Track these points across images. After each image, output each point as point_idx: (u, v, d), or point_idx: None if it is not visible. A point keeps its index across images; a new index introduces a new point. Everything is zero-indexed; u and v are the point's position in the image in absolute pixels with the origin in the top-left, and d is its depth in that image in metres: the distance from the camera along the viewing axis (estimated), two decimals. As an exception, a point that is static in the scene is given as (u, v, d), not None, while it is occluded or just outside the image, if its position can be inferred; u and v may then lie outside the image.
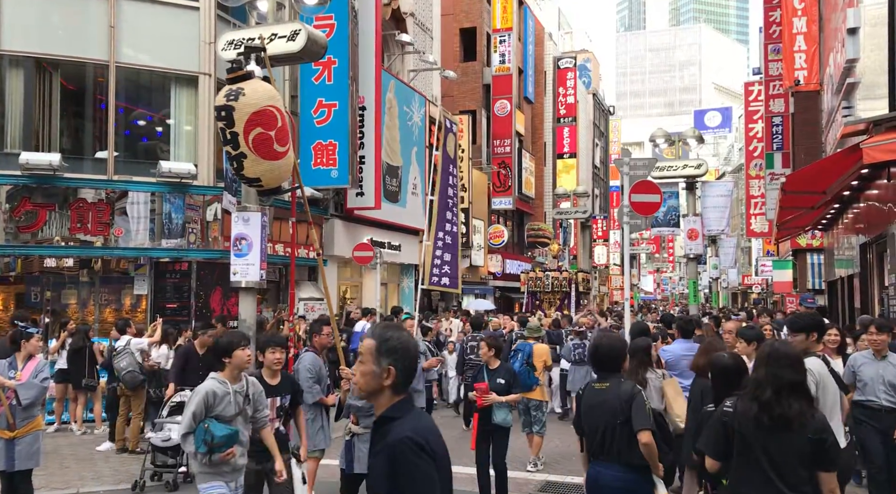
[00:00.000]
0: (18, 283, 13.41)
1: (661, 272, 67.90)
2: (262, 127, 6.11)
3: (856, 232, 12.10)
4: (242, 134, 6.11)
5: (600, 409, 4.18)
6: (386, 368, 2.35)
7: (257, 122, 6.10)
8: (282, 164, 6.41)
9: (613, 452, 4.11)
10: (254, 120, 6.08)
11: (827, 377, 4.61)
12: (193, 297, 13.46)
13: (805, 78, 15.63)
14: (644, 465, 4.08)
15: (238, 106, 6.10)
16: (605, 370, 4.29)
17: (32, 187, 12.42)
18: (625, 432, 4.07)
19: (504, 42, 30.44)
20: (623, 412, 4.06)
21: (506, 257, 29.55)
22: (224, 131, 6.20)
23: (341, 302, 18.33)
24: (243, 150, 6.18)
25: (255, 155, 6.20)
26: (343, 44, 15.40)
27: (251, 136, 6.11)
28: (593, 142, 45.80)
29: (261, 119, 6.11)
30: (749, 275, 47.22)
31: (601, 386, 4.26)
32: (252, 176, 6.37)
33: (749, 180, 27.50)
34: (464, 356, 11.10)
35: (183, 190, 13.25)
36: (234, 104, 6.10)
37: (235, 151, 6.20)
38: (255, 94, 6.17)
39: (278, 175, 6.46)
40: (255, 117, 6.08)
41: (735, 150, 61.45)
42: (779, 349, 3.63)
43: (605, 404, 4.16)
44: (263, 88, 6.33)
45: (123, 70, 13.38)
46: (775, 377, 3.42)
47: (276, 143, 6.24)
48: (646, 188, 10.57)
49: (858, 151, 7.18)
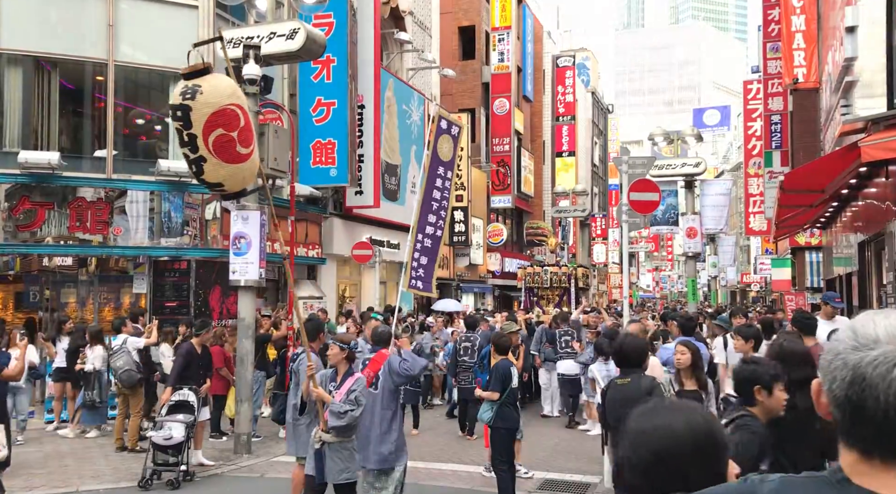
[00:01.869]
0: (17, 282, 13.41)
1: (659, 271, 67.90)
2: (223, 128, 5.48)
3: (854, 230, 12.11)
4: (202, 136, 5.47)
5: (623, 403, 4.51)
6: None
7: (217, 123, 5.47)
8: (245, 167, 5.78)
9: None
10: (213, 121, 5.45)
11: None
12: (192, 296, 13.46)
13: (804, 76, 15.63)
14: None
15: (196, 106, 5.45)
16: (629, 365, 4.67)
17: (31, 186, 12.41)
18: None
19: (503, 40, 30.43)
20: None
21: (505, 255, 29.55)
22: (181, 133, 5.56)
23: (340, 301, 18.34)
24: (203, 153, 5.54)
25: (217, 159, 5.54)
26: (342, 42, 15.40)
27: (211, 138, 5.47)
28: (592, 140, 45.81)
29: (221, 120, 5.48)
30: (748, 273, 47.25)
31: (623, 382, 4.64)
32: (213, 181, 5.72)
33: (748, 179, 27.52)
34: (456, 357, 10.78)
35: (182, 189, 13.25)
36: (190, 103, 5.46)
37: (194, 155, 5.55)
38: (214, 91, 5.51)
39: (242, 179, 5.82)
40: (214, 118, 5.46)
41: (734, 148, 61.48)
42: (787, 347, 3.88)
43: (627, 398, 4.51)
44: (224, 83, 5.72)
45: (122, 69, 13.37)
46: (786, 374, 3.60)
47: (238, 144, 5.61)
48: (645, 187, 10.58)
49: (857, 149, 7.18)
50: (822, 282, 19.67)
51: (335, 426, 5.43)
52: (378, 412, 5.77)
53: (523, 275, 22.94)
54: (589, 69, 47.38)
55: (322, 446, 5.59)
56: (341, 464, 5.51)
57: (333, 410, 5.42)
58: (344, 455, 5.54)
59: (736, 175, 46.87)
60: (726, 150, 71.50)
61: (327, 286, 17.11)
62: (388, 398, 5.72)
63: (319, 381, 5.68)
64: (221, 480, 8.30)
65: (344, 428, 5.45)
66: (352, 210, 17.52)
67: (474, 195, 25.86)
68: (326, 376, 5.77)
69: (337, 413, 5.40)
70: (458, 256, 25.38)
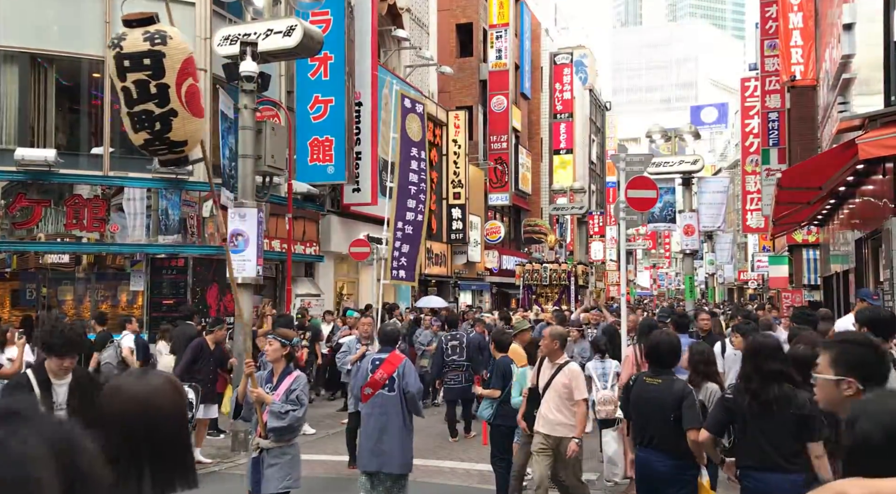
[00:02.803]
0: (14, 279, 13.38)
1: (657, 268, 68.00)
2: (192, 78, 4.95)
3: (851, 228, 12.12)
4: (175, 86, 4.84)
5: (653, 404, 4.59)
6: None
7: (189, 71, 4.90)
8: (202, 123, 5.25)
9: (664, 442, 4.54)
10: (185, 69, 4.88)
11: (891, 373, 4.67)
12: (190, 293, 13.45)
13: (801, 73, 15.64)
14: (690, 452, 4.50)
15: (169, 51, 4.80)
16: (663, 366, 4.70)
17: (27, 183, 12.38)
18: (677, 427, 4.47)
19: (500, 38, 30.39)
20: (674, 410, 4.48)
21: (502, 252, 29.56)
22: (145, 85, 4.80)
23: (338, 298, 18.33)
24: (174, 105, 4.87)
25: (188, 112, 4.95)
26: (339, 39, 15.38)
27: (184, 88, 4.87)
28: (590, 138, 45.80)
29: (191, 68, 4.96)
30: (745, 270, 47.32)
31: (653, 381, 4.65)
32: (180, 139, 5.03)
33: (745, 176, 27.53)
34: (443, 356, 10.33)
35: (179, 186, 13.22)
36: (163, 49, 4.78)
37: (162, 109, 4.85)
38: (178, 37, 4.94)
39: (198, 138, 5.22)
40: (186, 65, 4.89)
41: (731, 145, 61.52)
42: (760, 342, 4.14)
43: (657, 399, 4.59)
44: (177, 30, 5.18)
45: (119, 66, 13.31)
46: (758, 367, 3.93)
47: (200, 97, 5.14)
48: (642, 184, 10.56)
49: (854, 146, 7.19)
50: (820, 279, 19.70)
51: (275, 427, 5.00)
52: (398, 416, 5.73)
53: (522, 272, 22.82)
54: (586, 66, 47.35)
55: (260, 453, 5.10)
56: (281, 472, 5.04)
57: (273, 410, 5.00)
58: (284, 461, 5.09)
59: (733, 173, 46.91)
60: (724, 147, 71.55)
61: (325, 284, 17.10)
62: (404, 402, 5.71)
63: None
64: (219, 478, 8.29)
65: (285, 430, 5.04)
66: (349, 208, 17.50)
67: (472, 193, 25.85)
68: (262, 376, 5.29)
69: (277, 414, 4.99)
70: (456, 253, 25.38)
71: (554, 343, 6.01)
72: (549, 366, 6.05)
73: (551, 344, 6.02)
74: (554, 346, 6.01)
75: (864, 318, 4.91)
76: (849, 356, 2.60)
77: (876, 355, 2.66)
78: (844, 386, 2.54)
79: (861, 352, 2.63)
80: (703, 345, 5.93)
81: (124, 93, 4.92)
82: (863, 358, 2.60)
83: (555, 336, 6.09)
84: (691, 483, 4.55)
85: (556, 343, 6.01)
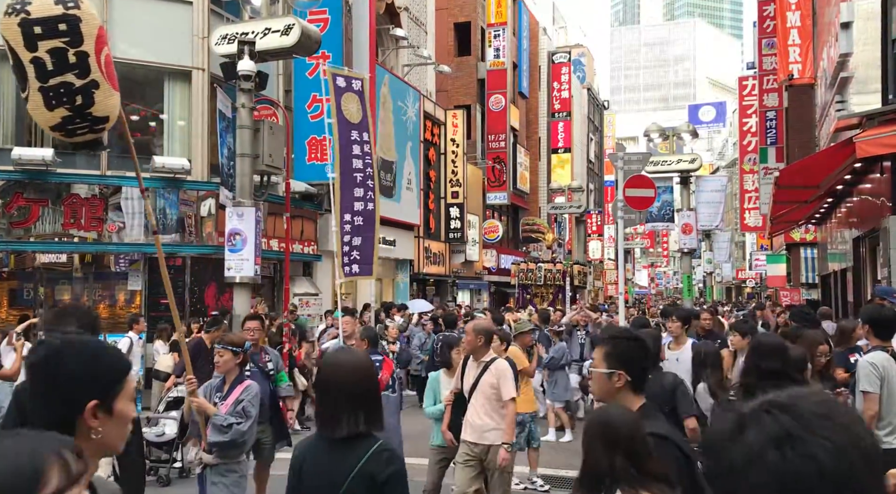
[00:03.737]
0: (11, 279, 13.36)
1: (655, 267, 68.03)
2: (107, 47, 4.40)
3: (849, 226, 12.14)
4: (94, 54, 4.22)
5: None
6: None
7: (104, 39, 4.32)
8: (119, 99, 4.54)
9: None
10: (102, 36, 4.28)
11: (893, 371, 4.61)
12: (188, 292, 13.44)
13: (799, 72, 15.66)
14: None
15: (84, 16, 4.15)
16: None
17: (25, 183, 12.35)
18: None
19: (498, 37, 30.39)
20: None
21: (501, 252, 29.57)
22: (63, 53, 4.14)
23: (335, 298, 18.31)
24: (95, 76, 4.25)
25: (108, 83, 4.38)
26: (337, 38, 15.37)
27: (102, 57, 4.27)
28: (588, 137, 45.82)
29: (104, 36, 4.35)
30: (743, 269, 47.42)
31: None
32: (102, 114, 4.43)
33: (743, 175, 27.58)
34: (434, 358, 10.16)
35: (177, 185, 13.21)
36: (78, 13, 4.12)
37: (83, 80, 4.23)
38: (88, 1, 4.28)
39: (117, 114, 4.58)
40: (102, 33, 4.30)
41: (729, 144, 61.58)
42: (761, 341, 4.11)
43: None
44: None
45: (117, 65, 13.15)
46: (757, 366, 3.88)
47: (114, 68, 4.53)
48: (640, 183, 10.57)
49: (851, 145, 7.20)
50: (817, 278, 19.72)
51: (217, 442, 4.52)
52: (396, 417, 5.73)
53: (517, 271, 22.76)
54: (584, 65, 47.36)
55: (204, 470, 4.69)
56: (225, 491, 4.59)
57: (216, 423, 4.51)
58: (229, 480, 4.62)
59: (731, 171, 46.97)
60: (721, 146, 71.61)
61: (323, 283, 17.09)
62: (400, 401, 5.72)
63: (203, 393, 4.75)
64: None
65: (228, 446, 4.54)
66: (347, 207, 17.48)
67: (470, 192, 25.86)
68: (212, 385, 4.84)
69: (220, 427, 4.50)
70: (454, 252, 25.38)
71: (478, 339, 5.36)
72: (473, 366, 5.42)
73: (474, 340, 5.37)
74: (478, 342, 5.36)
75: (868, 316, 4.90)
76: (619, 350, 2.80)
77: (641, 349, 2.86)
78: (615, 379, 2.77)
79: (628, 346, 2.82)
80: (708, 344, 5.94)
81: (35, 65, 4.20)
82: (630, 353, 2.80)
83: (478, 332, 5.43)
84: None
85: (479, 339, 5.37)
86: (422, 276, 22.82)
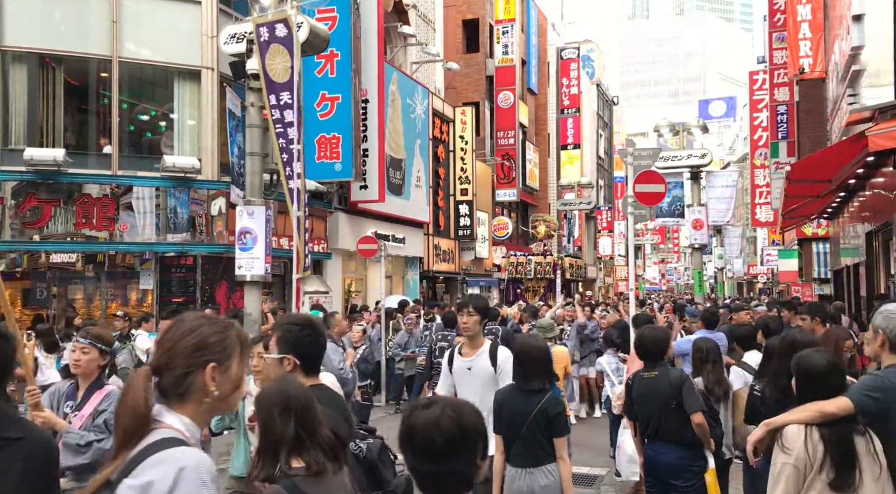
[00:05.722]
0: (24, 279, 13.46)
1: (665, 263, 67.81)
2: None
3: (861, 220, 12.05)
4: None
5: (653, 395, 4.63)
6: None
7: None
8: None
9: (669, 433, 4.58)
10: None
11: None
12: (199, 291, 13.50)
13: (810, 66, 15.53)
14: (696, 442, 4.54)
15: None
16: (652, 359, 4.75)
17: (37, 183, 12.44)
18: (679, 414, 4.53)
19: (507, 33, 30.32)
20: (675, 397, 4.53)
21: (510, 248, 29.53)
22: None
23: (346, 295, 18.36)
24: None
25: None
26: (345, 36, 15.37)
27: None
28: (597, 132, 45.65)
29: None
30: (754, 264, 47.11)
31: (650, 375, 4.70)
32: None
33: (754, 170, 27.38)
34: (432, 358, 9.59)
35: (187, 185, 13.27)
36: None
37: None
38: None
39: None
40: None
41: (739, 139, 61.20)
42: (798, 340, 4.12)
43: (656, 391, 4.62)
44: None
45: (126, 65, 13.37)
46: (786, 364, 3.85)
47: None
48: (650, 178, 10.51)
49: (864, 138, 7.13)
50: (830, 273, 19.59)
51: (73, 466, 3.55)
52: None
53: (507, 265, 22.44)
54: (594, 61, 47.17)
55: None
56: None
57: (69, 442, 3.55)
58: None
59: (742, 166, 46.68)
60: (732, 141, 71.21)
61: (333, 281, 17.13)
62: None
63: (48, 402, 3.74)
64: (221, 476, 8.32)
65: (88, 469, 3.50)
66: (357, 205, 17.52)
67: (479, 189, 25.83)
68: (61, 391, 3.83)
69: (75, 447, 3.55)
70: (464, 250, 25.36)
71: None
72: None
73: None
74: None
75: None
76: (288, 336, 2.96)
77: (311, 335, 2.97)
78: (286, 363, 2.94)
79: (299, 333, 2.96)
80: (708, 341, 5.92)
81: None
82: (300, 339, 2.95)
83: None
84: (699, 474, 4.58)
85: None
86: (431, 273, 22.83)
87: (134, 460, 1.67)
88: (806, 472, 2.95)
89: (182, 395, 1.79)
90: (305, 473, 2.27)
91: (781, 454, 3.02)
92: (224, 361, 1.83)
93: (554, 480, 4.04)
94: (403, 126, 19.62)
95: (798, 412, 3.07)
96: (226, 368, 1.83)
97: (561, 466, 4.08)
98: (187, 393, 1.79)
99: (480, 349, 4.70)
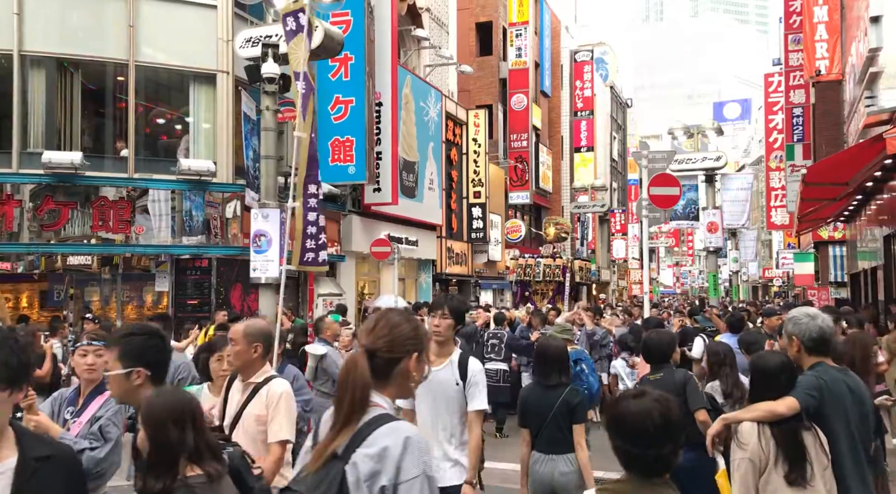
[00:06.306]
0: (42, 281, 13.61)
1: (680, 266, 67.47)
2: None
3: (879, 224, 11.93)
4: None
5: None
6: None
7: None
8: None
9: None
10: None
11: None
12: (214, 293, 13.58)
13: (826, 68, 15.42)
14: (703, 442, 4.40)
15: None
16: (657, 361, 4.83)
17: (55, 186, 12.58)
18: (683, 411, 4.35)
19: (520, 36, 30.31)
20: (679, 397, 4.49)
21: (523, 251, 29.47)
22: None
23: (360, 298, 18.40)
24: None
25: None
26: (359, 40, 15.42)
27: None
28: (611, 135, 45.51)
29: None
30: (770, 268, 46.78)
31: (655, 377, 4.73)
32: None
33: (769, 172, 27.19)
34: (483, 354, 10.09)
35: (203, 187, 13.36)
36: None
37: None
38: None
39: None
40: None
41: (755, 141, 60.80)
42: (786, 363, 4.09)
43: (662, 391, 4.45)
44: None
45: (143, 69, 13.49)
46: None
47: None
48: (665, 181, 10.49)
49: (882, 141, 7.08)
50: (846, 277, 19.41)
51: None
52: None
53: (515, 267, 22.32)
54: (607, 63, 47.05)
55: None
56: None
57: None
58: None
59: (757, 169, 46.36)
60: (747, 143, 70.74)
61: (347, 284, 17.17)
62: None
63: (49, 408, 3.58)
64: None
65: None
66: (370, 207, 17.56)
67: (492, 191, 25.82)
68: (64, 397, 3.67)
69: None
70: (477, 252, 25.35)
71: (252, 350, 3.59)
72: (239, 388, 3.73)
73: (247, 351, 3.58)
74: (252, 354, 3.60)
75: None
76: (132, 347, 2.77)
77: (156, 343, 2.83)
78: (135, 377, 2.75)
79: (144, 343, 2.78)
80: (723, 345, 5.90)
81: None
82: (146, 348, 2.78)
83: (253, 337, 3.61)
84: (708, 475, 4.49)
85: (255, 349, 3.60)
86: (444, 276, 22.83)
87: (360, 433, 1.95)
88: (761, 466, 3.21)
89: (387, 377, 2.08)
90: (205, 480, 2.32)
91: (738, 449, 3.28)
92: (423, 351, 2.15)
93: (573, 469, 4.44)
94: (417, 129, 19.65)
95: (752, 411, 3.33)
96: (422, 357, 2.14)
97: (579, 453, 4.45)
98: (392, 376, 2.08)
99: (448, 359, 3.90)
